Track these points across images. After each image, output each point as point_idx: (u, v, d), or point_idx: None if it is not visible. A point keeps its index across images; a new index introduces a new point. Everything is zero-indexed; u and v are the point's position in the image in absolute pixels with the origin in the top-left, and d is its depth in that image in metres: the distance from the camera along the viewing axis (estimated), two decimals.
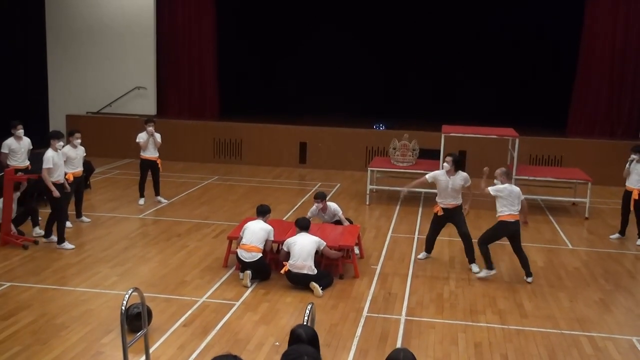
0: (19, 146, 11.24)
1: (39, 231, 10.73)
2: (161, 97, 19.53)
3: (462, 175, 9.63)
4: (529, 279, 9.24)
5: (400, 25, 20.07)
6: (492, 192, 9.13)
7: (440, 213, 9.78)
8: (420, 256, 10.17)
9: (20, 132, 11.24)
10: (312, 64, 20.32)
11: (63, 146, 10.40)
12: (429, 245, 10.18)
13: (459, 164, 9.74)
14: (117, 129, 18.19)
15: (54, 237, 10.27)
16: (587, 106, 18.00)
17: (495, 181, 9.29)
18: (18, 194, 10.54)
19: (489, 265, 9.29)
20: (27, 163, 11.43)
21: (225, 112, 19.72)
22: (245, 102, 20.42)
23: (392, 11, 20.00)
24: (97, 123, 18.39)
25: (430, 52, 19.95)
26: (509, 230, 9.19)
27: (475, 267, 9.57)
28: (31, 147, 11.62)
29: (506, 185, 9.18)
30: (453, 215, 9.75)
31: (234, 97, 20.37)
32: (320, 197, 10.24)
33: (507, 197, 9.07)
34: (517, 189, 9.23)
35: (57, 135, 10.32)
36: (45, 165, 9.92)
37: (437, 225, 10.04)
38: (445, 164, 9.77)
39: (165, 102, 19.59)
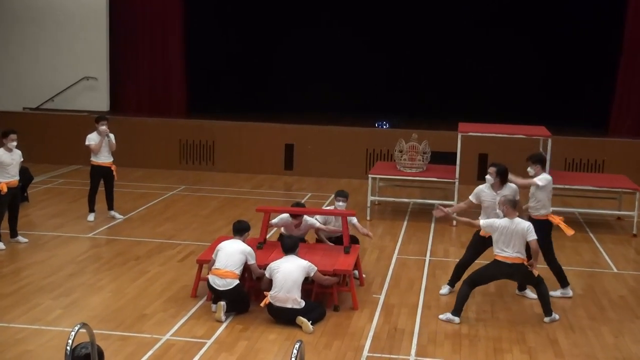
0: None
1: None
2: (115, 90, 19.54)
3: (511, 187, 9.43)
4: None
5: (406, 3, 20.12)
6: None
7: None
8: (442, 291, 9.86)
9: None
10: (301, 51, 20.34)
11: None
12: (457, 275, 9.74)
13: (504, 176, 9.47)
14: (62, 128, 18.15)
15: None
16: (634, 101, 18.08)
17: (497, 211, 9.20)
18: None
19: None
20: None
21: (194, 108, 19.72)
22: (219, 97, 20.39)
23: None
24: (36, 121, 18.35)
25: (443, 36, 19.98)
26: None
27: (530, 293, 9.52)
28: None
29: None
30: None
31: (206, 90, 20.34)
32: (344, 195, 10.49)
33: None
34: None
35: None
36: None
37: (479, 248, 9.62)
38: (487, 176, 9.60)
39: (120, 96, 19.61)
